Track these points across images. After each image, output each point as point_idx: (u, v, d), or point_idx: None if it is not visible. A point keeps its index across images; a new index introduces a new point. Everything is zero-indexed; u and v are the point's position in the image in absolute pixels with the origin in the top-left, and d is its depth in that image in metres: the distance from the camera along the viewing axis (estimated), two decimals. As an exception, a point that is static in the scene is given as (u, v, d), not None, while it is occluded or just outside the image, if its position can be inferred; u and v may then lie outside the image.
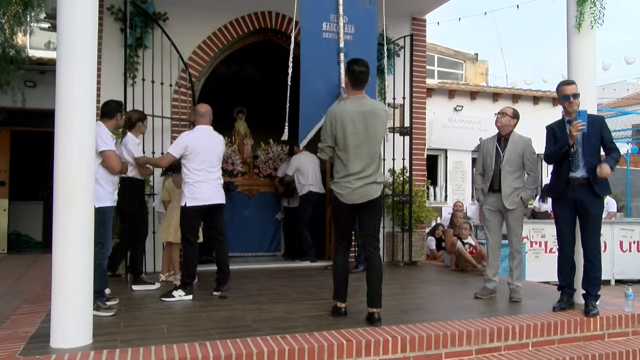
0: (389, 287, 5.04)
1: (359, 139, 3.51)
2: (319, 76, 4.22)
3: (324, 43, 4.30)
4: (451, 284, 5.28)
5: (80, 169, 2.94)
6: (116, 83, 5.49)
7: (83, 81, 2.95)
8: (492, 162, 4.45)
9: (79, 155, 2.94)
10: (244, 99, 8.45)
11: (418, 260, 6.52)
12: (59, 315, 2.90)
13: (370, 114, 3.54)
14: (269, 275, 5.73)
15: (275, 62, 8.25)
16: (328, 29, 4.36)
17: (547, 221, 7.85)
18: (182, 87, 6.03)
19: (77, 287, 2.93)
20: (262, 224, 7.43)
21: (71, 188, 2.90)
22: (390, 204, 6.57)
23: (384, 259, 6.60)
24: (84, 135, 2.97)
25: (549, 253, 7.71)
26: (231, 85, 8.93)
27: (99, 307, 3.70)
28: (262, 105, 8.57)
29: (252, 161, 7.88)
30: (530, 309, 4.01)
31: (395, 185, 6.53)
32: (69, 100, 2.92)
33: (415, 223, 6.52)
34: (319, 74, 4.22)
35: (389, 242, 6.62)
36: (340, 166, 3.57)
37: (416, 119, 6.71)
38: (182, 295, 4.25)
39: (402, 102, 6.46)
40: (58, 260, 2.90)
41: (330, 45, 4.31)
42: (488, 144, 4.56)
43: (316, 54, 4.24)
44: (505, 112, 4.47)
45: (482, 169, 4.59)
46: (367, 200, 3.54)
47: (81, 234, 2.94)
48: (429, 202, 8.86)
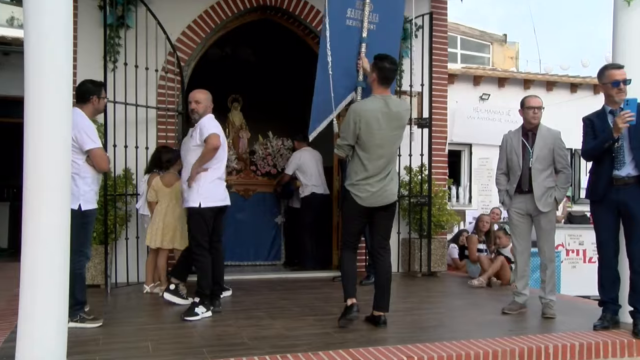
0: (405, 300, 5.03)
1: (383, 141, 3.78)
2: (338, 66, 4.31)
3: (347, 31, 4.36)
4: (475, 297, 5.27)
5: (54, 165, 2.88)
6: (94, 68, 5.49)
7: (56, 62, 2.86)
8: (519, 160, 4.41)
9: (53, 148, 2.87)
10: (239, 86, 8.46)
11: (438, 270, 6.50)
12: (27, 333, 2.82)
13: (396, 116, 3.82)
14: (268, 286, 5.73)
15: (275, 44, 8.30)
16: (352, 16, 4.42)
17: (585, 226, 7.80)
18: (169, 73, 6.03)
19: (49, 300, 2.85)
20: (259, 228, 7.44)
21: (44, 186, 2.86)
22: (406, 206, 6.55)
23: (399, 269, 6.60)
24: (59, 125, 2.90)
25: (587, 263, 7.67)
26: (225, 71, 8.94)
27: (83, 319, 3.75)
28: (260, 93, 8.59)
29: (249, 157, 7.89)
30: (567, 326, 3.98)
31: (412, 184, 6.51)
32: (40, 85, 2.85)
33: (435, 228, 6.50)
34: (338, 64, 4.31)
35: (405, 250, 6.61)
36: (359, 167, 3.81)
37: (436, 109, 6.68)
38: (204, 312, 4.14)
39: (420, 90, 6.44)
40: (27, 270, 2.82)
41: (353, 34, 4.38)
42: (512, 140, 4.51)
43: (337, 42, 4.30)
44: (540, 105, 4.43)
45: (506, 167, 4.56)
46: (386, 204, 3.83)
47: (56, 239, 2.91)
48: (451, 205, 8.85)
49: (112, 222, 5.34)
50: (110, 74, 5.42)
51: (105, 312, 4.22)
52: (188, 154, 4.36)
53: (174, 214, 5.08)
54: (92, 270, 5.25)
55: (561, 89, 11.40)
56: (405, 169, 6.52)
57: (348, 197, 3.89)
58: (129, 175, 5.55)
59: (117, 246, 5.48)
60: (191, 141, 4.34)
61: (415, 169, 6.51)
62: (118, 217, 5.43)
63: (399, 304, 4.86)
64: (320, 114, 4.29)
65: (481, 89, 11.02)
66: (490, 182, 10.85)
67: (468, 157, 10.99)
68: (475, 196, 10.91)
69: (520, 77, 11.38)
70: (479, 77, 11.00)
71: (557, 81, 11.47)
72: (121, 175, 5.51)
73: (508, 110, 10.80)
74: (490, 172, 10.81)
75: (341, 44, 4.32)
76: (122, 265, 5.45)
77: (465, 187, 10.94)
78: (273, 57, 8.87)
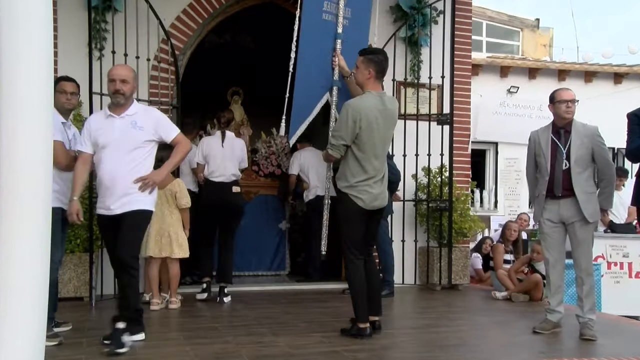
0: (423, 316, 5.02)
1: (381, 140, 4.00)
2: (314, 63, 4.43)
3: (322, 25, 4.47)
4: (502, 314, 5.23)
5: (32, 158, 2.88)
6: (78, 56, 5.51)
7: (33, 50, 2.83)
8: (548, 161, 4.34)
9: (31, 145, 2.89)
10: (240, 77, 8.47)
11: (459, 283, 6.48)
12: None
13: (391, 114, 4.05)
14: (271, 299, 5.75)
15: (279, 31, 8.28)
16: (328, 10, 4.53)
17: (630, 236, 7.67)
18: (162, 62, 6.05)
19: (26, 311, 2.86)
20: (262, 235, 7.46)
21: (20, 181, 2.84)
22: (425, 211, 6.54)
23: (416, 281, 6.60)
24: (38, 122, 2.91)
25: (634, 278, 7.53)
26: (224, 61, 8.96)
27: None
28: (263, 85, 8.58)
29: (250, 156, 7.88)
30: (610, 350, 3.91)
31: (432, 187, 6.50)
32: (15, 77, 2.85)
33: (457, 236, 6.48)
34: (314, 60, 4.44)
35: (423, 260, 6.59)
36: (357, 168, 3.97)
37: (458, 103, 6.67)
38: (135, 336, 3.81)
39: (440, 83, 6.44)
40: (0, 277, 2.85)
41: (328, 29, 4.49)
42: (540, 138, 4.45)
43: (313, 37, 4.43)
44: (573, 98, 4.37)
45: (534, 170, 4.51)
46: (382, 207, 4.07)
47: (34, 241, 2.90)
48: (474, 210, 8.81)
49: (98, 228, 5.30)
50: (96, 64, 5.42)
51: (89, 329, 4.24)
52: (135, 150, 3.84)
53: (166, 219, 5.08)
54: (75, 281, 5.29)
55: (602, 80, 11.29)
56: (424, 170, 6.51)
57: (346, 200, 3.96)
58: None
59: (104, 254, 5.46)
60: (136, 133, 3.83)
61: (434, 170, 6.50)
62: (105, 221, 5.41)
63: (416, 320, 4.84)
64: (299, 116, 4.42)
65: (509, 81, 10.97)
66: (519, 185, 10.81)
67: (493, 158, 10.96)
68: (501, 201, 10.86)
69: (554, 67, 11.31)
70: (506, 67, 10.95)
71: (598, 71, 11.34)
72: (108, 175, 5.50)
73: (540, 104, 10.70)
74: (519, 174, 10.76)
75: (318, 38, 4.44)
76: (109, 275, 5.41)
77: (490, 190, 10.90)
78: (277, 46, 8.85)
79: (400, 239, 6.47)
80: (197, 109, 8.32)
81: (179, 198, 5.10)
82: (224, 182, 5.68)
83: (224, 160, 5.69)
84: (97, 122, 3.88)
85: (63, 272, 5.16)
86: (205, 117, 8.32)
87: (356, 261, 4.01)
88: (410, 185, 6.53)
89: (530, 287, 5.90)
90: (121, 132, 3.79)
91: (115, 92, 3.83)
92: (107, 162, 3.78)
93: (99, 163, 3.82)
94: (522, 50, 15.32)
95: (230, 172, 5.71)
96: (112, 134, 3.79)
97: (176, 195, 5.08)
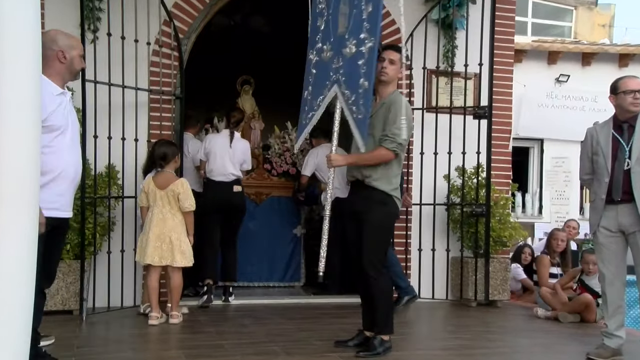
0: (455, 336, 4.98)
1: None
2: (322, 51, 4.34)
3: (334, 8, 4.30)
4: (548, 335, 5.16)
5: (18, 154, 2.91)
6: (70, 40, 5.54)
7: (17, 33, 2.85)
8: (607, 161, 4.25)
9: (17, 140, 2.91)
10: (251, 64, 8.49)
11: (498, 299, 6.42)
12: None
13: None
14: (283, 314, 5.75)
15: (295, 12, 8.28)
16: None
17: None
18: (164, 47, 6.07)
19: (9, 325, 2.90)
20: (274, 241, 7.45)
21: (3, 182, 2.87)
22: (458, 217, 6.49)
23: (448, 296, 6.55)
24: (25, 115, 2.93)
25: None
26: (234, 46, 8.99)
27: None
28: (277, 73, 8.60)
29: (262, 153, 7.90)
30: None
31: (466, 190, 6.46)
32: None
33: (495, 245, 6.42)
34: (322, 48, 4.35)
35: (456, 272, 6.55)
36: (397, 170, 4.24)
37: (498, 94, 6.61)
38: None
39: (477, 71, 6.38)
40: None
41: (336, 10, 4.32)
42: (598, 134, 4.36)
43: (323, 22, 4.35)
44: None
45: (591, 171, 4.44)
46: None
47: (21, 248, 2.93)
48: (515, 216, 8.72)
49: (91, 232, 5.37)
50: (90, 48, 5.45)
51: (78, 346, 4.25)
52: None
53: (167, 223, 5.10)
54: (64, 292, 5.31)
55: (677, 66, 11.08)
56: (457, 170, 6.46)
57: (392, 204, 4.16)
58: (113, 174, 5.60)
59: (97, 262, 5.55)
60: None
61: (469, 170, 6.46)
62: (99, 225, 5.47)
63: (448, 341, 4.80)
64: (307, 112, 4.36)
65: (558, 68, 10.85)
66: (568, 187, 10.69)
67: (538, 156, 10.88)
68: (546, 206, 10.76)
69: (614, 52, 11.10)
70: (555, 53, 10.82)
71: (669, 55, 11.12)
72: (103, 173, 5.57)
73: (594, 95, 10.61)
74: (568, 176, 10.65)
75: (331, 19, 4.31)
76: (102, 285, 5.50)
77: (534, 193, 10.81)
78: (293, 29, 8.86)
79: (430, 248, 6.43)
80: (203, 100, 8.37)
81: (182, 200, 5.11)
82: (224, 181, 6.15)
83: (224, 160, 6.12)
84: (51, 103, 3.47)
85: (50, 281, 5.18)
86: (213, 109, 8.35)
87: (384, 271, 4.19)
88: (442, 187, 6.49)
89: (580, 309, 5.76)
90: (72, 113, 3.60)
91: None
92: (69, 151, 3.50)
93: (55, 151, 3.41)
94: (575, 32, 15.09)
95: (230, 171, 6.17)
96: (70, 115, 3.56)
97: (179, 197, 5.10)
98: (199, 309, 5.77)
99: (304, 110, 4.37)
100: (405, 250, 6.54)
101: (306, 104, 4.35)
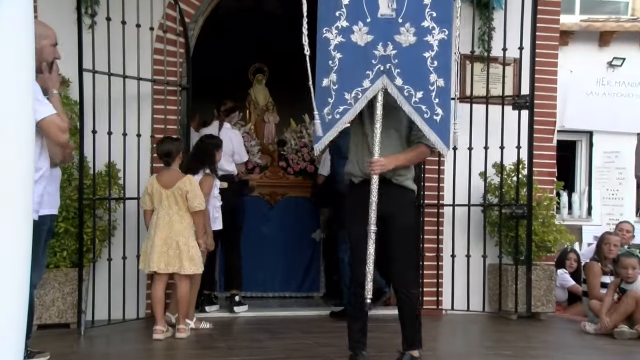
0: (495, 352, 4.96)
1: None
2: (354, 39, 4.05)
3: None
4: (601, 353, 5.13)
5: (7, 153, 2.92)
6: (64, 24, 5.48)
7: (7, 17, 2.89)
8: None
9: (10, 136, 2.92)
10: (265, 51, 8.48)
11: (542, 311, 6.36)
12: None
13: None
14: (301, 327, 5.75)
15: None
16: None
17: None
18: (169, 32, 6.08)
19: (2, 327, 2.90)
20: (290, 247, 7.45)
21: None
22: (496, 219, 6.46)
23: (485, 308, 6.50)
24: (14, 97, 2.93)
25: None
26: (245, 31, 8.98)
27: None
28: (293, 61, 8.57)
29: (277, 149, 7.90)
30: None
31: (505, 189, 6.41)
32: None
33: (538, 251, 6.38)
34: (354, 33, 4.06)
35: (494, 281, 6.50)
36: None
37: (541, 82, 6.56)
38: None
39: (517, 56, 6.33)
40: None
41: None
42: None
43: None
44: None
45: None
46: None
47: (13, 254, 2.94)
48: (561, 218, 8.64)
49: (90, 237, 5.40)
50: (87, 33, 5.46)
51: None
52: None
53: (174, 226, 5.11)
54: (60, 304, 5.33)
55: None
56: (495, 167, 6.41)
57: (415, 198, 4.24)
58: (113, 173, 5.62)
59: (96, 270, 5.56)
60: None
61: (508, 167, 6.42)
62: (98, 229, 5.49)
63: (485, 358, 4.77)
64: (336, 107, 4.01)
65: (611, 51, 10.68)
66: (622, 186, 10.54)
67: (587, 151, 10.75)
68: (597, 206, 10.63)
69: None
70: (608, 33, 10.63)
71: None
72: (102, 172, 5.59)
73: (655, 82, 10.48)
74: (622, 172, 10.51)
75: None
76: (102, 296, 5.52)
77: (583, 193, 10.68)
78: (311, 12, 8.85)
79: (465, 254, 6.36)
80: (211, 91, 8.36)
81: (191, 199, 5.11)
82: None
83: None
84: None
85: (45, 292, 5.21)
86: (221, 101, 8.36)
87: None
88: (477, 186, 6.43)
89: (630, 311, 5.63)
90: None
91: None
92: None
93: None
94: (633, 9, 14.87)
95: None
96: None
97: (187, 196, 5.10)
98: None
99: (325, 102, 4.01)
100: (436, 257, 6.49)
101: (329, 94, 4.00)
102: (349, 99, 3.93)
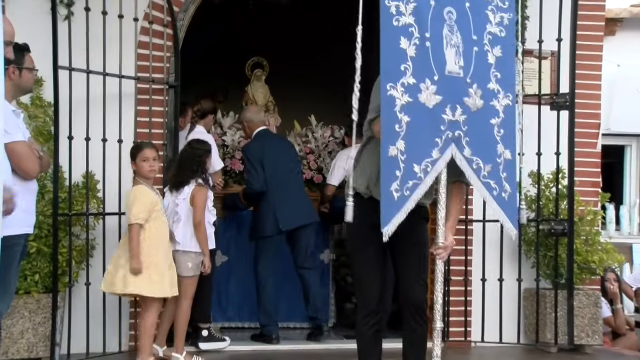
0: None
1: None
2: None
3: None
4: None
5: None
6: (37, 14, 5.58)
7: None
8: None
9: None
10: (264, 44, 8.48)
11: (586, 343, 6.33)
12: None
13: None
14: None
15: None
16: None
17: None
18: (155, 23, 6.10)
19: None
20: (294, 270, 7.39)
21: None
22: (533, 236, 6.45)
23: (520, 339, 6.49)
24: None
25: None
26: (242, 21, 9.00)
27: None
28: (297, 56, 8.60)
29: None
30: None
31: (543, 202, 6.43)
32: None
33: (581, 273, 6.37)
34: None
35: (531, 309, 6.49)
36: None
37: (583, 78, 6.55)
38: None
39: (555, 48, 6.35)
40: None
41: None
42: None
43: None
44: None
45: None
46: None
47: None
48: (607, 235, 8.61)
49: (65, 258, 5.39)
50: (63, 25, 5.47)
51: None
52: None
53: None
54: (30, 335, 5.30)
55: None
56: (531, 176, 6.43)
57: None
58: (91, 185, 5.63)
59: (73, 296, 5.57)
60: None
61: (547, 177, 6.44)
62: (74, 249, 5.50)
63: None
64: (404, 182, 3.78)
65: (665, 42, 10.70)
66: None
67: (637, 157, 10.73)
68: (650, 221, 10.60)
69: None
70: (663, 20, 10.65)
71: None
72: (79, 184, 5.61)
73: None
74: (678, 183, 10.49)
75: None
76: (79, 326, 5.51)
77: (633, 206, 10.66)
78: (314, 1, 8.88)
79: (497, 277, 6.36)
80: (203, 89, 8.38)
81: None
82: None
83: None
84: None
85: (13, 322, 5.19)
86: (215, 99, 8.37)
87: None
88: (511, 198, 6.41)
89: None
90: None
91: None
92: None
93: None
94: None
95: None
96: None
97: None
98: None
99: (392, 175, 3.74)
100: (464, 281, 6.47)
101: (397, 166, 3.74)
102: (419, 172, 3.73)
